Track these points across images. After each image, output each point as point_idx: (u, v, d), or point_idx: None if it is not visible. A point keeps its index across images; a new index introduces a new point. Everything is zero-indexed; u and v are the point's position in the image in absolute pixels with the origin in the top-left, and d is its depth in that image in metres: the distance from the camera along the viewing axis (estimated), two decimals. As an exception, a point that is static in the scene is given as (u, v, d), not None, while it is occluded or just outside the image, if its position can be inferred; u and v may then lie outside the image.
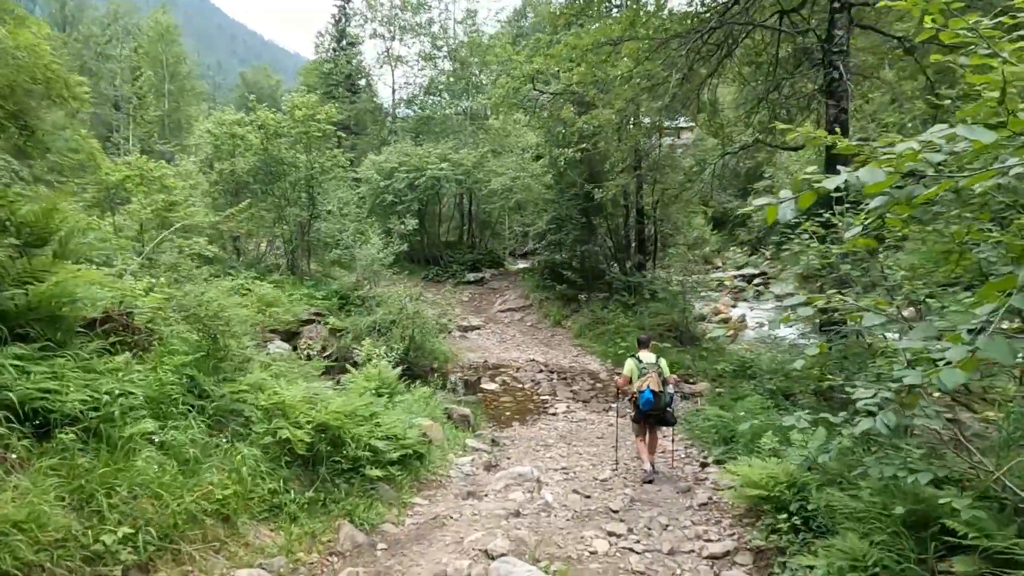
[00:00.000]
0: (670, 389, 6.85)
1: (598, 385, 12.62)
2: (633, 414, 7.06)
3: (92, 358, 3.91)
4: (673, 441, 8.00)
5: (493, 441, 8.89)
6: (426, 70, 31.13)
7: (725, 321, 20.24)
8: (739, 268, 30.03)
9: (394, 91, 31.77)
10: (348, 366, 9.59)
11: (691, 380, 12.91)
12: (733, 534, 4.81)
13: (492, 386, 12.69)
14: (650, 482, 6.75)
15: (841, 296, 3.35)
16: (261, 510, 4.11)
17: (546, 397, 11.84)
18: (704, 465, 7.41)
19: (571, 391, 12.13)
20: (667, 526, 5.27)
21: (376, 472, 5.27)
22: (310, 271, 19.53)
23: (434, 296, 14.45)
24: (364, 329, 13.36)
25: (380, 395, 8.20)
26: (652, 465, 7.01)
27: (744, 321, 20.81)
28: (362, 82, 33.27)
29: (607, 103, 9.55)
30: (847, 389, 3.41)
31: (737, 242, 33.19)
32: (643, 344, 7.17)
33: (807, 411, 3.63)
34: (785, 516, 3.93)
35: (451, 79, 29.19)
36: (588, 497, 6.28)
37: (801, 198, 1.99)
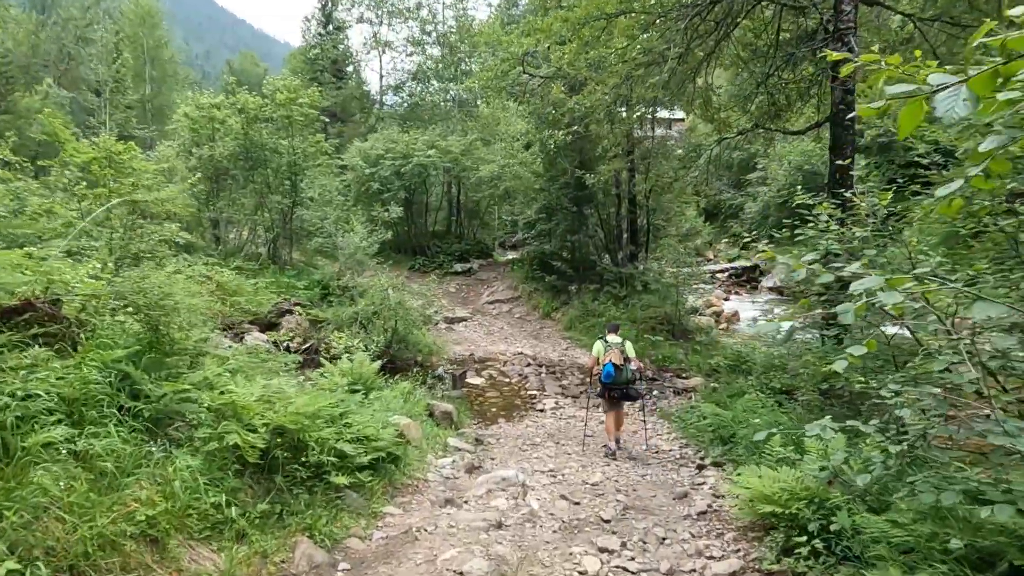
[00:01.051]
0: (632, 366, 7.53)
1: (588, 380, 12.12)
2: (598, 390, 7.79)
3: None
4: (645, 421, 8.72)
5: (477, 440, 8.38)
6: (414, 56, 30.40)
7: (718, 315, 19.85)
8: (731, 260, 29.69)
9: (381, 77, 31.03)
10: (323, 360, 9.03)
11: (684, 375, 12.46)
12: (738, 550, 4.32)
13: (478, 380, 12.18)
14: (612, 456, 7.53)
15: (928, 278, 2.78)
16: (201, 528, 3.57)
17: (534, 392, 11.34)
18: (701, 467, 6.93)
19: (560, 386, 11.64)
20: (664, 539, 4.77)
21: (343, 479, 4.74)
22: (292, 260, 18.91)
23: (419, 287, 13.86)
24: (345, 320, 12.80)
25: (355, 391, 7.68)
26: (617, 441, 7.73)
27: (737, 315, 20.45)
28: (349, 68, 32.48)
29: (600, 81, 9.01)
30: (882, 393, 2.91)
31: (730, 234, 32.87)
32: (612, 329, 7.93)
33: (828, 416, 3.13)
34: (804, 539, 3.42)
35: (440, 65, 28.47)
36: (577, 504, 5.77)
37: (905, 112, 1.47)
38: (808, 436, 3.09)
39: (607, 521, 5.24)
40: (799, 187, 6.93)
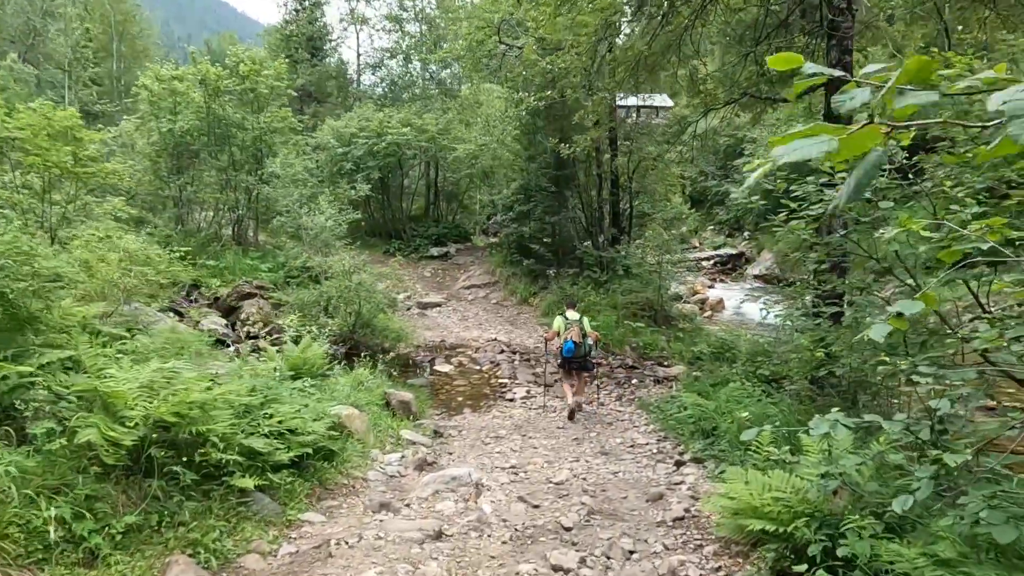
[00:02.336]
0: (589, 341, 8.20)
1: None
2: (559, 362, 8.45)
3: None
4: (598, 388, 9.59)
5: (435, 432, 7.60)
6: (392, 34, 29.31)
7: (702, 302, 19.24)
8: (716, 248, 29.09)
9: (359, 55, 29.92)
10: (263, 344, 8.23)
11: (665, 363, 11.77)
12: (719, 568, 3.59)
13: (446, 368, 11.40)
14: (571, 418, 8.19)
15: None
16: (32, 551, 2.78)
17: (505, 380, 10.57)
18: (679, 464, 6.20)
19: (533, 374, 10.89)
20: (632, 552, 4.03)
21: (249, 481, 3.94)
22: (258, 242, 17.99)
23: (385, 269, 13.03)
24: (308, 304, 11.98)
25: (299, 377, 6.89)
26: (577, 404, 8.38)
27: (722, 302, 19.86)
28: (325, 46, 31.27)
29: (575, 40, 8.18)
30: (913, 378, 2.18)
31: (716, 222, 32.27)
32: (570, 305, 8.64)
33: (836, 410, 2.40)
34: (804, 567, 2.68)
35: (418, 43, 27.41)
36: (537, 507, 5.02)
37: None
38: (812, 434, 2.36)
39: (568, 529, 4.49)
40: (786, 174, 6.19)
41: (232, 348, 10.49)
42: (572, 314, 8.29)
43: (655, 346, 12.29)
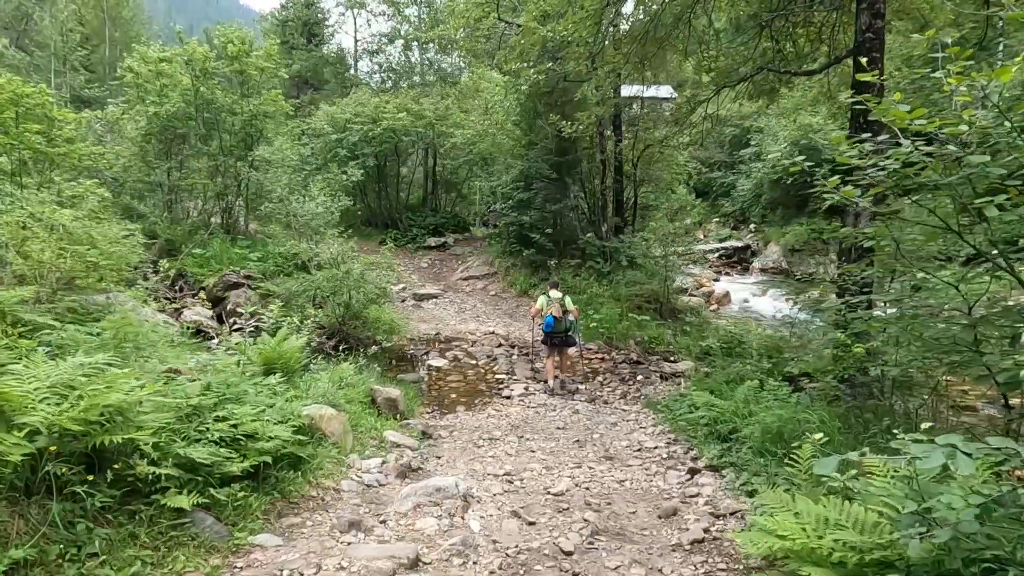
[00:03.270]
0: (570, 317, 8.69)
1: (565, 363, 10.72)
2: (542, 338, 8.97)
3: None
4: (581, 357, 10.05)
5: (424, 433, 6.94)
6: (392, 21, 28.54)
7: (708, 295, 18.59)
8: (721, 240, 28.41)
9: (356, 41, 29.17)
10: (231, 335, 7.59)
11: (672, 358, 11.11)
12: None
13: (440, 362, 10.73)
14: (551, 393, 8.70)
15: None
16: None
17: (502, 376, 9.91)
18: (694, 472, 5.53)
19: (532, 369, 10.23)
20: (645, 587, 3.39)
21: (185, 499, 3.29)
22: (248, 230, 17.31)
23: (375, 257, 12.35)
24: (297, 294, 11.33)
25: (272, 373, 6.24)
26: (560, 381, 8.95)
27: (728, 296, 19.24)
28: (324, 31, 30.49)
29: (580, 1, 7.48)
30: None
31: (721, 213, 31.55)
32: (553, 285, 9.20)
33: (959, 436, 1.73)
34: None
35: (416, 30, 26.63)
36: (532, 524, 4.37)
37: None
38: (921, 465, 1.69)
39: (568, 554, 3.84)
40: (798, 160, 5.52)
41: (216, 340, 9.87)
42: (555, 293, 8.86)
43: (661, 340, 11.64)
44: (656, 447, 6.56)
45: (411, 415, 7.69)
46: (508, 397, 8.85)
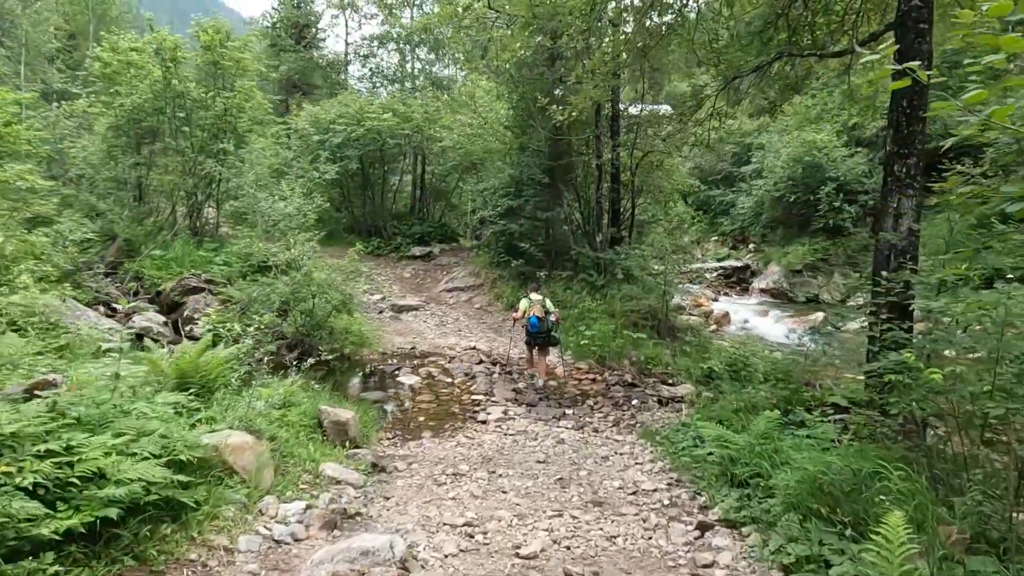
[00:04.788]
0: (552, 318, 8.95)
1: (552, 383, 9.56)
2: (526, 339, 9.21)
3: None
4: (561, 359, 10.20)
5: (375, 466, 5.74)
6: (386, 25, 27.65)
7: (707, 315, 17.48)
8: (720, 260, 27.40)
9: (347, 44, 28.24)
10: (148, 342, 6.43)
11: (671, 381, 9.96)
12: None
13: (412, 379, 9.54)
14: (538, 388, 8.88)
15: None
16: None
17: (479, 397, 8.72)
18: (704, 527, 4.33)
19: (513, 390, 9.05)
20: None
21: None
22: (218, 232, 16.13)
23: (338, 261, 11.18)
24: (258, 301, 10.17)
25: (186, 388, 5.06)
26: (543, 382, 9.07)
27: (728, 316, 18.17)
28: (314, 33, 29.56)
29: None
30: None
31: (720, 232, 30.59)
32: (534, 288, 9.46)
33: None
34: None
35: (408, 34, 25.73)
36: (490, 606, 3.20)
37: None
38: None
39: (535, 662, 2.67)
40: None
41: (167, 349, 8.69)
42: (535, 296, 9.13)
43: (658, 360, 10.49)
44: (655, 489, 5.38)
45: (365, 442, 6.49)
46: (483, 422, 7.67)
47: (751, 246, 28.10)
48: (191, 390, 4.97)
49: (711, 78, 9.66)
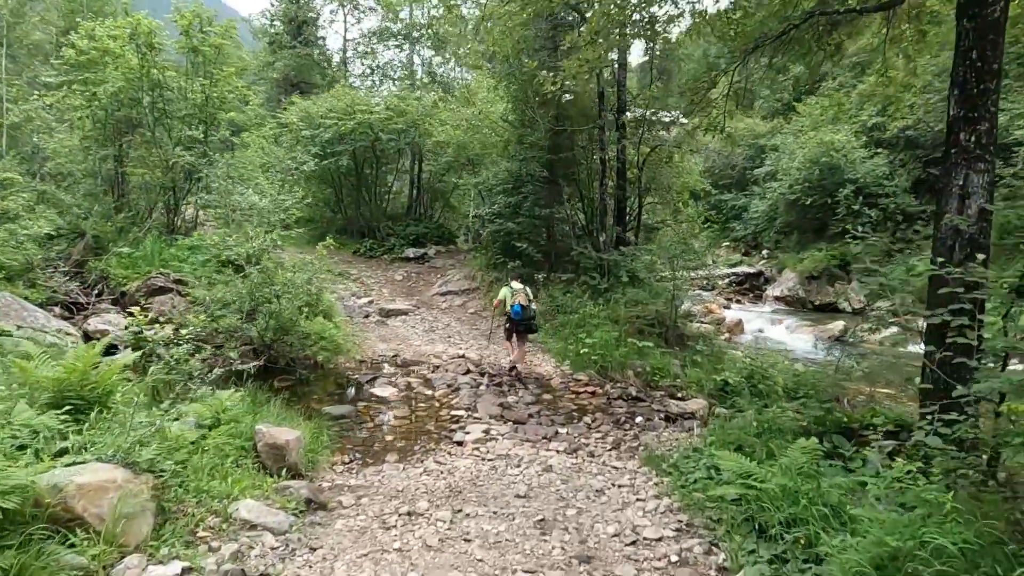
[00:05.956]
0: (534, 306, 9.30)
1: (546, 397, 8.44)
2: (508, 326, 9.35)
3: None
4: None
5: (311, 502, 4.62)
6: (386, 21, 26.76)
7: (718, 323, 16.30)
8: (732, 266, 26.23)
9: (345, 40, 27.36)
10: (28, 346, 5.35)
11: (680, 394, 8.82)
12: None
13: (388, 391, 8.45)
14: (511, 372, 9.15)
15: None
16: None
17: (459, 413, 7.60)
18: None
19: (501, 404, 7.94)
20: None
21: None
22: (197, 229, 15.14)
23: (308, 257, 10.10)
24: (225, 302, 9.12)
25: (63, 405, 3.99)
26: (517, 365, 9.21)
27: (740, 324, 17.03)
28: (312, 29, 28.70)
29: None
30: None
31: (732, 238, 29.41)
32: (515, 277, 9.55)
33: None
34: None
35: (407, 29, 24.81)
36: None
37: None
38: None
39: None
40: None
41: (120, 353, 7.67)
42: (517, 285, 9.22)
43: (666, 371, 9.35)
44: (660, 538, 4.24)
45: (310, 469, 5.38)
46: (460, 443, 6.54)
47: (764, 252, 26.97)
48: (67, 407, 3.90)
49: (724, 54, 8.53)
